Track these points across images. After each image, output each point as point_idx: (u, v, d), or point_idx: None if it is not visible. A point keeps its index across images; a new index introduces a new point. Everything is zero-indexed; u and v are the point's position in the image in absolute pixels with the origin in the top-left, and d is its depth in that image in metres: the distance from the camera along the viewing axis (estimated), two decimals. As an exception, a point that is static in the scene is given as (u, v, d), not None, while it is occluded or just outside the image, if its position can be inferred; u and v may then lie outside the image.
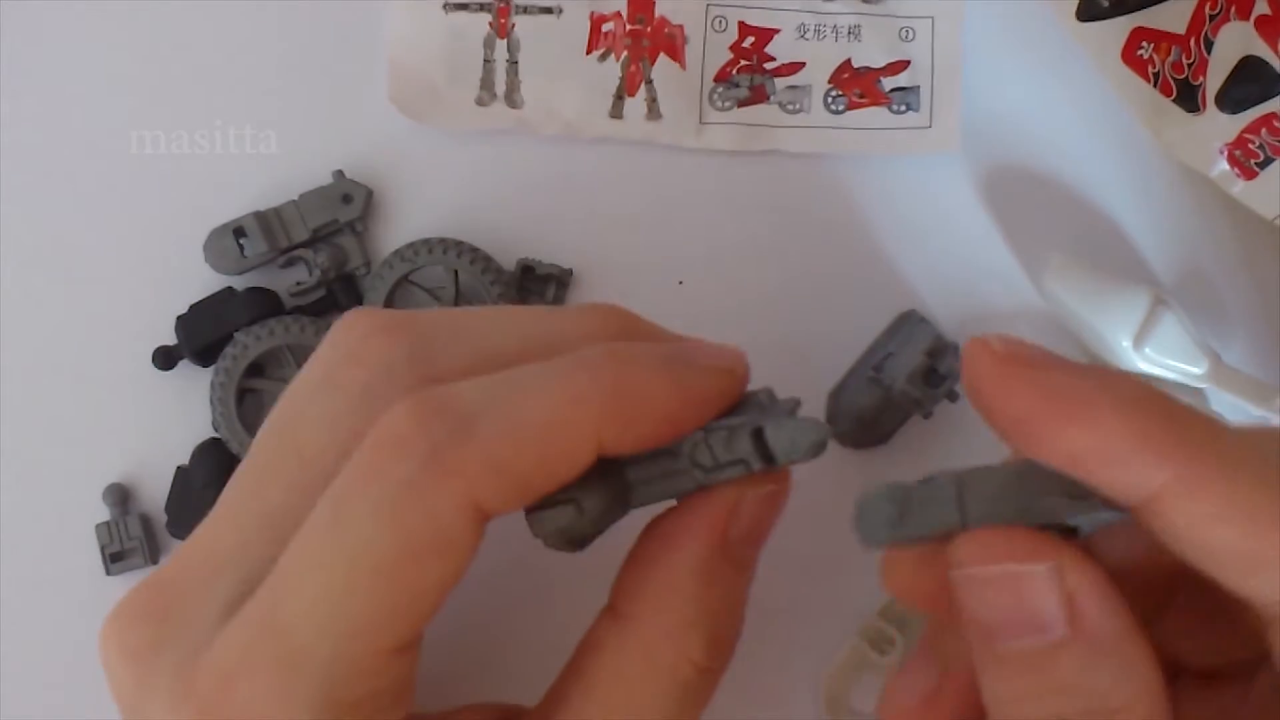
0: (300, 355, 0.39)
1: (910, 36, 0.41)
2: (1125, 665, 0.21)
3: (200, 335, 0.39)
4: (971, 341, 0.23)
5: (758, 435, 0.24)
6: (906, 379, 0.38)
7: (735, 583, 0.26)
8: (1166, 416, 0.21)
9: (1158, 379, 0.39)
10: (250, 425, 0.39)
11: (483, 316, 0.27)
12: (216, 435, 0.39)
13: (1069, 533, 0.22)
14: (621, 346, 0.25)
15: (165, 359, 0.39)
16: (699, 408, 0.25)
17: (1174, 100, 0.39)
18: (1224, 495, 0.20)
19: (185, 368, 0.39)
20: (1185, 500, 0.20)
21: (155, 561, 0.39)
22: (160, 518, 0.39)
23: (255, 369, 0.39)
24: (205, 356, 0.39)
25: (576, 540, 0.25)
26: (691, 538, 0.25)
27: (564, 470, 0.24)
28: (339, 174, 0.40)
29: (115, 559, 0.38)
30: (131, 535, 0.38)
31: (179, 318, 0.39)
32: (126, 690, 0.24)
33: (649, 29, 0.41)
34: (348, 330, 0.26)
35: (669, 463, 0.25)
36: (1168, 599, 0.25)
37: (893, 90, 0.41)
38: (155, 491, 0.39)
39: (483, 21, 0.40)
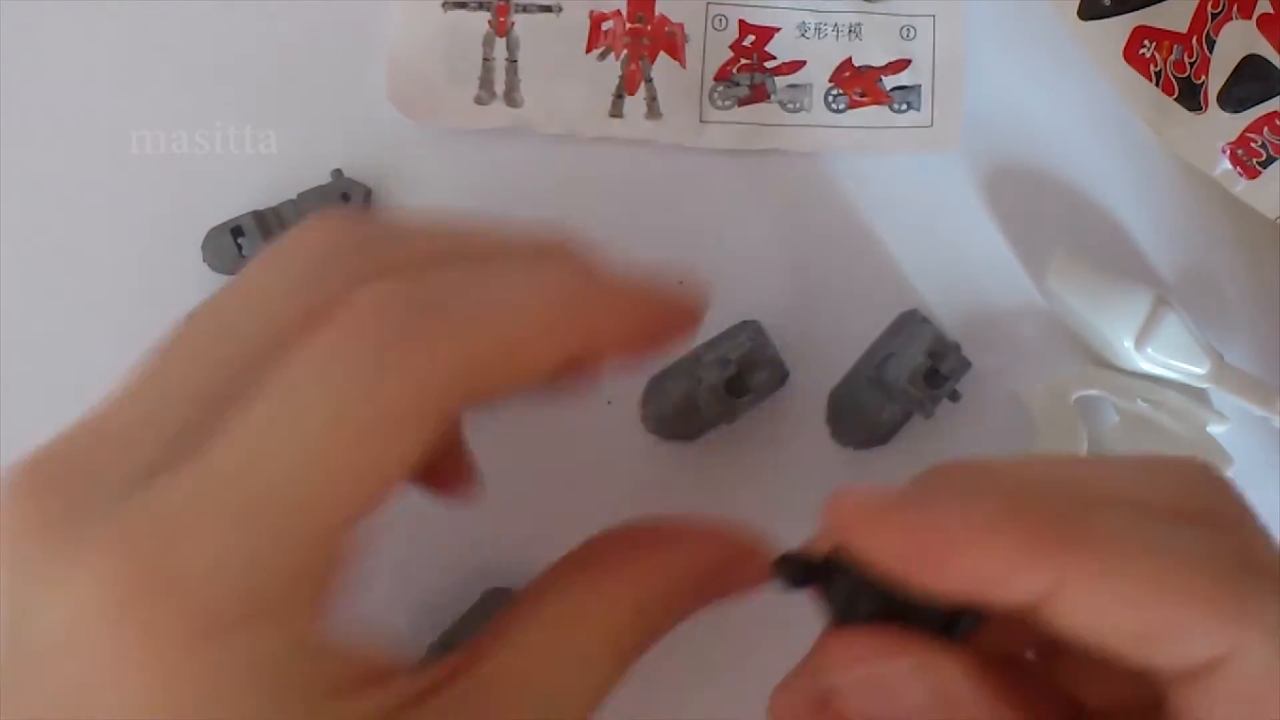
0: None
1: (911, 35, 0.41)
2: None
3: None
4: (831, 500, 0.23)
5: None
6: (908, 379, 0.38)
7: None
8: (1030, 527, 0.21)
9: (1159, 379, 0.39)
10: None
11: (435, 221, 0.26)
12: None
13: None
14: (591, 260, 0.25)
15: None
16: (661, 336, 0.26)
17: (1176, 99, 0.39)
18: (1104, 587, 0.21)
19: (184, 368, 0.39)
20: (1069, 601, 0.21)
21: None
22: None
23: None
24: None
25: None
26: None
27: (529, 371, 0.24)
28: (338, 173, 0.40)
29: None
30: None
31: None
32: (19, 573, 0.21)
33: (649, 27, 0.41)
34: (304, 224, 0.26)
35: None
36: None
37: (894, 89, 0.41)
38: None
39: (482, 20, 0.40)
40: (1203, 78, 0.39)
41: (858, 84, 0.41)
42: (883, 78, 0.41)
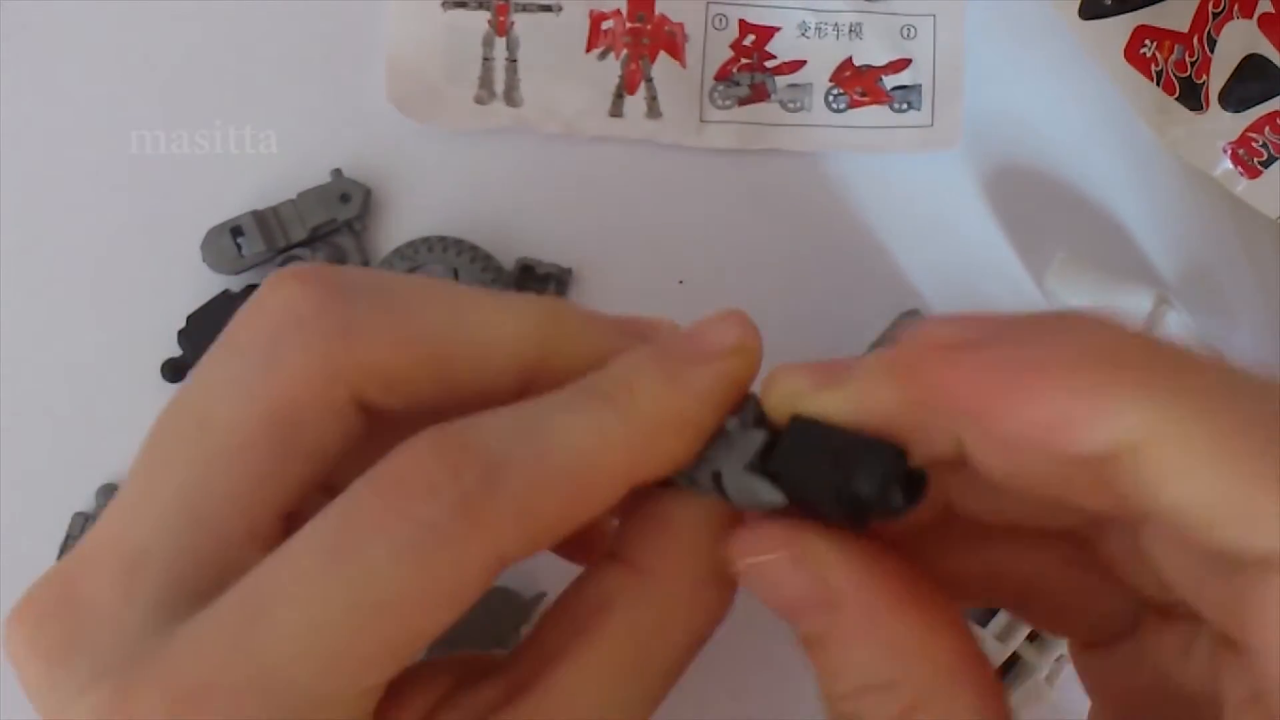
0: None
1: (912, 34, 0.41)
2: (893, 641, 0.21)
3: (207, 345, 0.39)
4: (911, 335, 0.21)
5: (717, 479, 0.24)
6: (908, 379, 0.38)
7: None
8: (1124, 365, 0.19)
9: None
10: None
11: (414, 287, 0.25)
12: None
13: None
14: (630, 368, 0.24)
15: (174, 371, 0.39)
16: (720, 410, 0.24)
17: (1177, 99, 0.39)
18: (1200, 442, 0.18)
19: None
20: (1154, 457, 0.19)
21: None
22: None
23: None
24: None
25: None
26: (716, 504, 0.25)
27: (592, 513, 0.23)
28: (337, 173, 0.40)
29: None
30: None
31: (180, 332, 0.39)
32: (41, 692, 0.22)
33: (649, 27, 0.41)
34: (265, 282, 0.24)
35: None
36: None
37: (894, 88, 0.41)
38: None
39: (481, 19, 0.40)
40: (1204, 77, 0.39)
41: (858, 83, 0.41)
42: (883, 77, 0.41)
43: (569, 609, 0.25)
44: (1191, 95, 0.39)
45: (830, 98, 0.41)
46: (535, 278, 0.40)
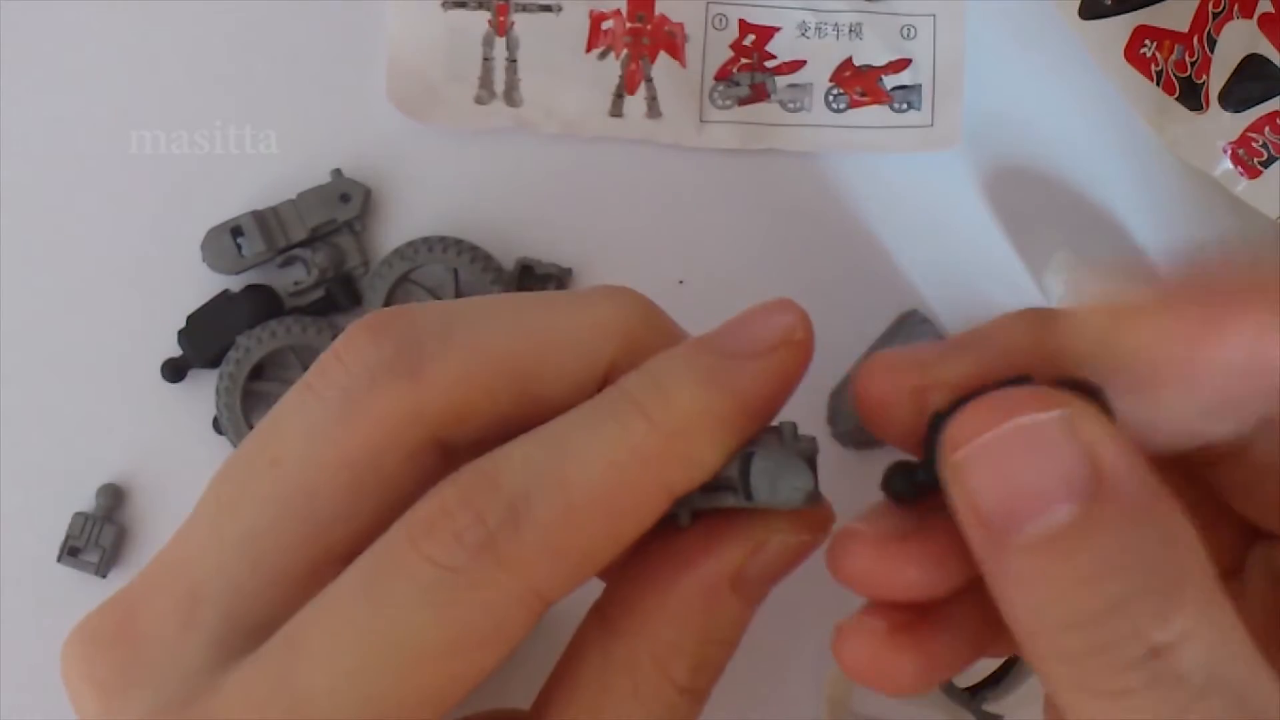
0: (303, 355, 0.39)
1: (912, 35, 0.41)
2: (1167, 528, 0.18)
3: (206, 345, 0.39)
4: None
5: (745, 462, 0.22)
6: (908, 379, 0.38)
7: (738, 614, 0.23)
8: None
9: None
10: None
11: (478, 309, 0.24)
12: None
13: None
14: (663, 368, 0.22)
15: (174, 371, 0.39)
16: (767, 411, 0.23)
17: (1177, 98, 0.39)
18: None
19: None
20: None
21: (104, 577, 0.38)
22: (136, 536, 0.39)
23: (257, 370, 0.39)
24: (212, 360, 0.39)
25: None
26: (701, 566, 0.23)
27: (634, 532, 0.22)
28: (337, 173, 0.40)
29: (71, 553, 0.38)
30: (99, 541, 0.38)
31: (180, 331, 0.39)
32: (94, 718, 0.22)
33: (649, 27, 0.41)
34: (342, 334, 0.24)
35: None
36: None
37: (894, 88, 0.41)
38: (149, 494, 0.39)
39: (481, 19, 0.40)
40: (1204, 77, 0.39)
41: (858, 83, 0.41)
42: (883, 77, 0.41)
43: (558, 667, 0.24)
44: (1191, 95, 0.39)
45: (830, 98, 0.41)
46: (535, 278, 0.40)
